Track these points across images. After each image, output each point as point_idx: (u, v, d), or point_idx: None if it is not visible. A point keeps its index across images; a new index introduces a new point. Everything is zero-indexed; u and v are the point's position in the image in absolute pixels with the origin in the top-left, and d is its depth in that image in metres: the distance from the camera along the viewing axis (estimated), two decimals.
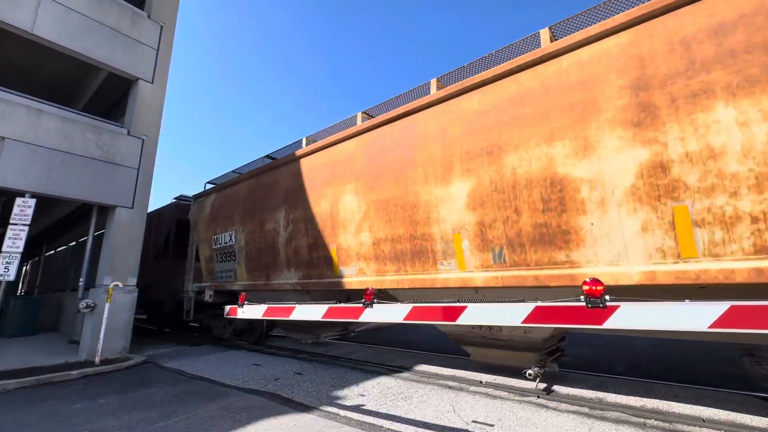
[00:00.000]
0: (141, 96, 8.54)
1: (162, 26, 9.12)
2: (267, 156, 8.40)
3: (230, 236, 8.44)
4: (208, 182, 10.21)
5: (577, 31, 4.22)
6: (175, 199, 12.92)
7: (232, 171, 9.48)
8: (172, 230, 11.81)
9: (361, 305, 5.02)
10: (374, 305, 4.89)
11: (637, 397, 4.32)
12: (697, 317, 2.79)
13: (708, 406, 3.94)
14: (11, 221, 6.46)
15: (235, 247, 8.27)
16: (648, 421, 3.66)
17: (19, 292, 21.66)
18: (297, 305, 5.99)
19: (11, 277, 6.36)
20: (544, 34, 4.49)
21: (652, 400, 4.20)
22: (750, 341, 3.80)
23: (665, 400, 4.19)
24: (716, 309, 2.72)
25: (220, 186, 9.36)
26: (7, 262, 6.31)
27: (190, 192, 11.98)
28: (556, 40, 4.40)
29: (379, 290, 5.39)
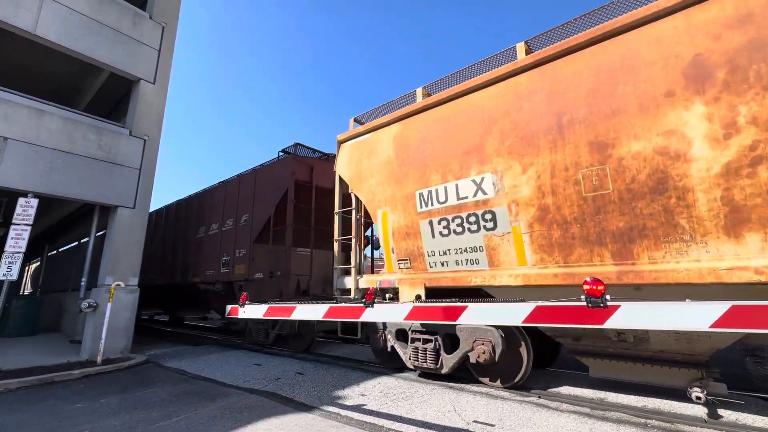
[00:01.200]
0: (142, 97, 8.56)
1: (164, 27, 9.14)
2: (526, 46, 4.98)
3: (475, 186, 4.95)
4: (355, 119, 6.95)
5: None
6: (282, 152, 9.02)
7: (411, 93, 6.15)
8: (288, 197, 8.23)
9: (361, 305, 5.00)
10: (375, 305, 4.87)
11: (639, 397, 4.31)
12: (697, 317, 2.77)
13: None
14: (14, 221, 6.48)
15: (496, 205, 4.75)
16: (649, 421, 3.65)
17: (22, 291, 21.74)
18: (298, 305, 5.97)
19: (14, 277, 6.38)
20: None
21: (654, 400, 4.19)
22: (752, 342, 3.79)
23: (667, 399, 4.18)
24: (717, 308, 2.70)
25: (419, 107, 5.86)
26: (10, 262, 6.33)
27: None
28: None
29: None
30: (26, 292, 21.91)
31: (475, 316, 4.07)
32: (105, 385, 5.55)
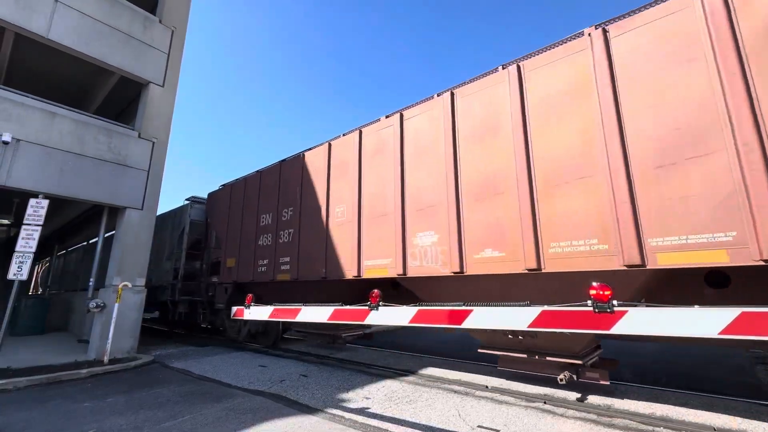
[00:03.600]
0: (151, 99, 8.68)
1: (173, 31, 9.27)
2: None
3: None
4: None
5: None
6: None
7: None
8: None
9: (366, 308, 5.02)
10: (380, 308, 4.89)
11: (646, 404, 4.25)
12: (706, 323, 2.74)
13: (719, 414, 3.87)
14: (24, 221, 6.58)
15: None
16: (657, 429, 3.60)
17: (31, 291, 22.05)
18: (303, 306, 6.01)
19: (24, 277, 6.47)
20: None
21: (662, 407, 4.13)
22: (763, 349, 3.73)
23: (675, 407, 4.12)
24: (727, 315, 2.67)
25: None
26: (20, 262, 6.43)
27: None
28: None
29: None
30: (36, 292, 22.23)
31: (480, 319, 4.07)
32: (111, 384, 5.60)
